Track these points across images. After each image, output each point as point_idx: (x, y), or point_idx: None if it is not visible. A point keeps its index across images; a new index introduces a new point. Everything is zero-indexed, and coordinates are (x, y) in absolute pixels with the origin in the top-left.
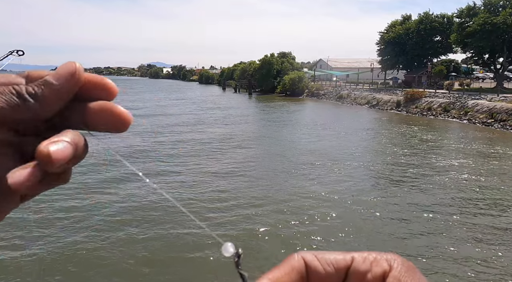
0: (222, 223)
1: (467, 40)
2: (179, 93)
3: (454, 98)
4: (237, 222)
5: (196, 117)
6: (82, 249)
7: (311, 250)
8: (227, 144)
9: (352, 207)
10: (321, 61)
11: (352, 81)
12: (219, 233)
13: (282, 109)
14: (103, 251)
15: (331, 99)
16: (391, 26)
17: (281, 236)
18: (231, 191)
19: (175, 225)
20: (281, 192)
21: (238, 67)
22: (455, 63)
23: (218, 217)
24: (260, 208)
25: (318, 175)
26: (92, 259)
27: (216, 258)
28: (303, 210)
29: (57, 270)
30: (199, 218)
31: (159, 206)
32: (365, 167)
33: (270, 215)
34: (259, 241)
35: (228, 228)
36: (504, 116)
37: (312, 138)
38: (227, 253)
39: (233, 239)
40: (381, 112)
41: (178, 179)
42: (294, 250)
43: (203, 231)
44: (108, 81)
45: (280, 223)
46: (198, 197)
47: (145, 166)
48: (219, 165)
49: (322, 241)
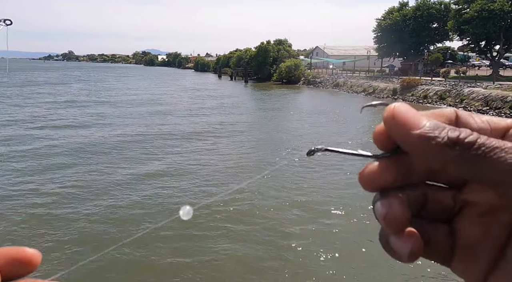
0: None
1: (463, 27)
2: (173, 81)
3: (450, 86)
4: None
5: (190, 106)
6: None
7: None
8: (223, 133)
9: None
10: (317, 49)
11: (349, 69)
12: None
13: (278, 97)
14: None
15: (327, 87)
16: (388, 13)
17: (279, 215)
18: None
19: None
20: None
21: (234, 55)
22: (452, 51)
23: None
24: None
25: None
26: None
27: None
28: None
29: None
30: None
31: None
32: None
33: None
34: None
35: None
36: (499, 104)
37: (307, 125)
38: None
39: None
40: (378, 100)
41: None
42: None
43: None
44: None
45: (275, 198)
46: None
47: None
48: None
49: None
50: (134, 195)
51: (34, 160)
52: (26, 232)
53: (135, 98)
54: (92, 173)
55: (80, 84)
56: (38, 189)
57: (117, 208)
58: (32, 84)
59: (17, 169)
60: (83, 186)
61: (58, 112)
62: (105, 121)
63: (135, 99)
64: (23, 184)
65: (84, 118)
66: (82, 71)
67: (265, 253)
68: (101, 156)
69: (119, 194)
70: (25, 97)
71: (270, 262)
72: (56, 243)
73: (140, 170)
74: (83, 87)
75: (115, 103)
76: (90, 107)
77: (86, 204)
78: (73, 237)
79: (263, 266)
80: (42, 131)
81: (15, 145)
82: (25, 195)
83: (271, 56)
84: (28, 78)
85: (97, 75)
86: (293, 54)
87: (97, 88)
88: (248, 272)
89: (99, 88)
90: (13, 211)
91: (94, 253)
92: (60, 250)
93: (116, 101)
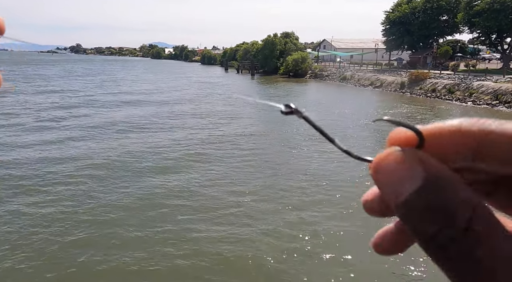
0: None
1: (474, 20)
2: (180, 74)
3: (459, 79)
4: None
5: (195, 99)
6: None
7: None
8: (233, 128)
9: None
10: (325, 42)
11: (356, 62)
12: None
13: (285, 91)
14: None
15: (334, 80)
16: (397, 5)
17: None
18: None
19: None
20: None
21: (240, 48)
22: (462, 44)
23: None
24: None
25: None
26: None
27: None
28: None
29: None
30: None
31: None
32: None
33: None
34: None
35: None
36: (509, 98)
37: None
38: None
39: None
40: (385, 93)
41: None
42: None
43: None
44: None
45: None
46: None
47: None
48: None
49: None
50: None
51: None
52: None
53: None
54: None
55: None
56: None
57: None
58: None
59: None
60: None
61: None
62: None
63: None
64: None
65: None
66: (97, 64)
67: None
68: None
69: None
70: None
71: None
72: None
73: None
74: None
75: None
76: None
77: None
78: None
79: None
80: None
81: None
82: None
83: (278, 49)
84: (58, 71)
85: (113, 68)
86: (300, 47)
87: (123, 80)
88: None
89: (124, 79)
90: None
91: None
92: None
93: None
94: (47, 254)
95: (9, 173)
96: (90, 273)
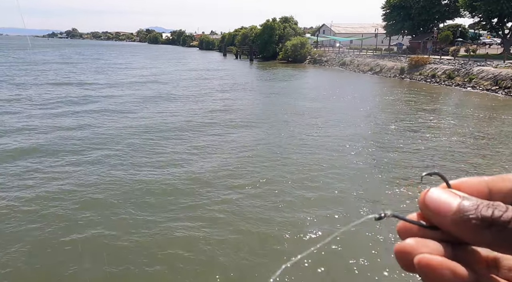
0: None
1: (475, 4)
2: (177, 60)
3: (459, 65)
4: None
5: (195, 84)
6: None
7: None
8: (230, 115)
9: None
10: (324, 27)
11: (356, 47)
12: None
13: (284, 76)
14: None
15: (334, 65)
16: None
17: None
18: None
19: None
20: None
21: (239, 33)
22: (462, 28)
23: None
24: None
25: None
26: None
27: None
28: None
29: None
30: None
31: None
32: (364, 132)
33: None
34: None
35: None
36: (509, 83)
37: (315, 103)
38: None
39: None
40: (384, 79)
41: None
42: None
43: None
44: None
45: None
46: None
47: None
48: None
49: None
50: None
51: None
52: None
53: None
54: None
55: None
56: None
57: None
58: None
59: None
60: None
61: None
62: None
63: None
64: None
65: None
66: (95, 49)
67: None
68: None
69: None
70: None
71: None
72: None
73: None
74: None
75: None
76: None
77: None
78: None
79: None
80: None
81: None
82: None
83: (277, 34)
84: (58, 55)
85: (113, 53)
86: (299, 32)
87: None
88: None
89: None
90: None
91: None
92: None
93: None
94: (46, 252)
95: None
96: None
